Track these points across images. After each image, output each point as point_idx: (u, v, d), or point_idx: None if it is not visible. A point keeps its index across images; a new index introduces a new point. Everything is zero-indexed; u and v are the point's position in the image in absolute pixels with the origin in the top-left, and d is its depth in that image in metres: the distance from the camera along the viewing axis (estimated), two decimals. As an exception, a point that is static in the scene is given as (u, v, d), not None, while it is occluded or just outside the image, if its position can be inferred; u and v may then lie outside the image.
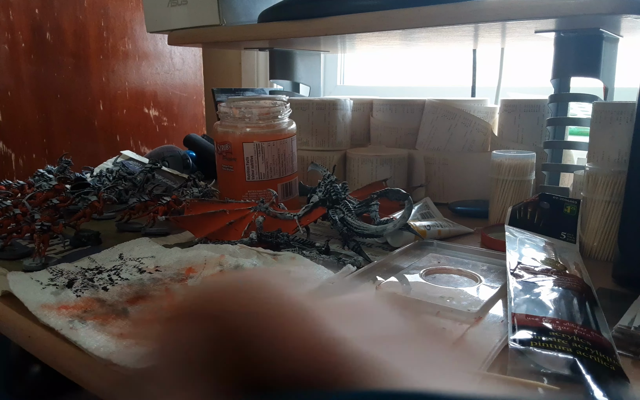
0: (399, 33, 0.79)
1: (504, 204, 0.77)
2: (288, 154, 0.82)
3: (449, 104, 0.95)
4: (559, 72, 0.77)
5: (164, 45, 1.33)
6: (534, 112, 0.85)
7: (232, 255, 0.59)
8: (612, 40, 0.75)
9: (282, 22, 0.83)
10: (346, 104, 1.03)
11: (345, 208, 0.69)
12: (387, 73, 1.37)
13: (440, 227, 0.73)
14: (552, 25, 0.69)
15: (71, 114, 1.21)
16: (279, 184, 0.81)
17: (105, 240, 0.72)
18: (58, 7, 1.16)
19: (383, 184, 0.88)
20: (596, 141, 0.68)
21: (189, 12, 0.94)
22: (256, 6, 0.93)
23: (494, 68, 1.06)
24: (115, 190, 0.86)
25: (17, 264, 0.62)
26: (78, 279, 0.56)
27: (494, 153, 0.78)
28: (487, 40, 0.90)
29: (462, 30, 0.74)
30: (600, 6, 0.56)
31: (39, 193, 0.81)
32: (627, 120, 0.64)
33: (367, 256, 0.64)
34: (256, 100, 0.84)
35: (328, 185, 0.70)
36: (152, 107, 1.37)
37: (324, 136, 1.01)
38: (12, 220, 0.68)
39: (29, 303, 0.49)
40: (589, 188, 0.67)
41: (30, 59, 1.12)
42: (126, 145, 1.31)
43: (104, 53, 1.25)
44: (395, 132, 1.02)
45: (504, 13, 0.62)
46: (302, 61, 1.19)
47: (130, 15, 1.29)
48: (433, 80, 1.27)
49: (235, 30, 0.91)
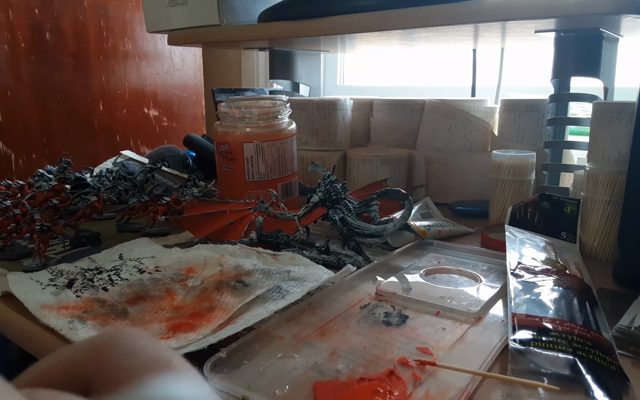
0: (399, 33, 0.79)
1: (504, 204, 0.77)
2: (288, 154, 0.82)
3: (449, 104, 0.95)
4: (559, 72, 0.77)
5: (164, 45, 1.33)
6: (534, 112, 0.85)
7: (232, 255, 0.59)
8: (612, 40, 0.75)
9: (282, 22, 0.83)
10: (346, 104, 1.03)
11: (345, 208, 0.69)
12: (387, 73, 1.37)
13: (440, 227, 0.73)
14: (552, 25, 0.69)
15: (71, 114, 1.21)
16: (279, 184, 0.81)
17: (105, 241, 0.72)
18: (58, 7, 1.16)
19: (383, 184, 0.88)
20: (596, 141, 0.68)
21: (188, 12, 0.94)
22: (256, 6, 0.93)
23: (494, 68, 1.06)
24: (115, 191, 0.86)
25: (17, 264, 0.62)
26: (78, 279, 0.56)
27: (494, 153, 0.78)
28: (487, 40, 0.90)
29: (462, 30, 0.74)
30: (600, 6, 0.56)
31: (38, 193, 0.81)
32: (627, 120, 0.64)
33: (367, 256, 0.64)
34: (256, 100, 0.84)
35: (328, 185, 0.70)
36: (152, 107, 1.36)
37: (324, 136, 1.01)
38: (12, 221, 0.68)
39: (29, 303, 0.49)
40: (589, 188, 0.67)
41: (30, 59, 1.12)
42: (126, 146, 1.31)
43: (103, 53, 1.25)
44: (395, 132, 1.02)
45: (504, 13, 0.62)
46: (302, 61, 1.19)
47: (130, 15, 1.29)
48: (433, 80, 1.27)
49: (235, 30, 0.91)
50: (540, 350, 0.40)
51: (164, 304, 0.51)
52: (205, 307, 0.49)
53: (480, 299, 0.52)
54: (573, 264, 0.58)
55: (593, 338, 0.42)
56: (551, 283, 0.50)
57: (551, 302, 0.47)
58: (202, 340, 0.42)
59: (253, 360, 0.41)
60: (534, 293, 0.48)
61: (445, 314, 0.49)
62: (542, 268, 0.54)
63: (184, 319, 0.48)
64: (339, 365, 0.40)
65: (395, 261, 0.63)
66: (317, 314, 0.49)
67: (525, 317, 0.44)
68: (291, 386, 0.38)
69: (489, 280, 0.56)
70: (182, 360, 0.16)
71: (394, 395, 0.36)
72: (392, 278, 0.57)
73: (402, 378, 0.38)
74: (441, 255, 0.65)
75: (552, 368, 0.39)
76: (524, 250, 0.60)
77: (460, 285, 0.56)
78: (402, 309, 0.50)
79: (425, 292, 0.53)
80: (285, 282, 0.52)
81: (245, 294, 0.50)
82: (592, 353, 0.40)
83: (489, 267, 0.61)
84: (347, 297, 0.53)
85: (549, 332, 0.42)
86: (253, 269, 0.55)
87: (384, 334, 0.45)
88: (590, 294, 0.51)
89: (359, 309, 0.50)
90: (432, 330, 0.46)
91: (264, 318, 0.46)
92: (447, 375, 0.39)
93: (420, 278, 0.57)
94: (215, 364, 0.40)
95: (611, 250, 0.65)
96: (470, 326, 0.47)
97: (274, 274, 0.54)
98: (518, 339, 0.41)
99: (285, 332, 0.46)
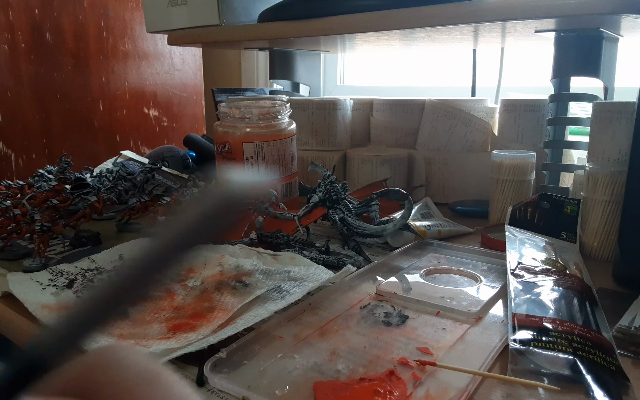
0: (399, 33, 0.79)
1: (504, 204, 0.77)
2: (288, 154, 0.82)
3: (449, 104, 0.95)
4: (559, 71, 0.77)
5: (164, 45, 1.33)
6: (534, 112, 0.85)
7: (232, 255, 0.59)
8: (612, 40, 0.75)
9: (282, 22, 0.83)
10: (346, 104, 1.03)
11: (345, 208, 0.69)
12: (387, 73, 1.37)
13: (440, 227, 0.73)
14: (552, 25, 0.69)
15: (71, 114, 1.21)
16: (279, 184, 0.81)
17: (105, 241, 0.72)
18: (58, 7, 1.16)
19: (383, 184, 0.88)
20: (596, 141, 0.68)
21: (188, 12, 0.94)
22: (256, 6, 0.93)
23: (494, 68, 1.05)
24: (115, 191, 0.86)
25: (17, 265, 0.62)
26: (78, 279, 0.56)
27: (494, 153, 0.78)
28: (487, 40, 0.90)
29: (462, 30, 0.74)
30: (600, 6, 0.56)
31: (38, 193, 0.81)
32: (627, 120, 0.64)
33: (367, 256, 0.64)
34: (256, 100, 0.84)
35: (328, 185, 0.70)
36: (152, 107, 1.36)
37: (324, 136, 1.01)
38: (12, 221, 0.68)
39: (29, 304, 0.49)
40: (589, 188, 0.67)
41: (30, 59, 1.12)
42: (126, 146, 1.31)
43: (103, 53, 1.25)
44: (395, 132, 1.02)
45: (504, 13, 0.62)
46: (302, 61, 1.19)
47: (130, 15, 1.29)
48: (433, 80, 1.27)
49: (235, 30, 0.91)
50: (540, 350, 0.40)
51: (164, 304, 0.51)
52: (205, 307, 0.49)
53: (480, 299, 0.52)
54: (573, 264, 0.58)
55: (593, 338, 0.42)
56: (551, 283, 0.50)
57: (551, 302, 0.47)
58: (202, 340, 0.42)
59: (253, 360, 0.41)
60: (534, 293, 0.48)
61: (445, 314, 0.49)
62: (542, 268, 0.54)
63: (184, 319, 0.48)
64: (339, 366, 0.40)
65: (395, 261, 0.63)
66: (317, 314, 0.49)
67: (526, 317, 0.44)
68: (291, 386, 0.38)
69: (489, 280, 0.56)
70: (171, 373, 0.17)
71: (394, 396, 0.36)
72: (392, 278, 0.57)
73: (402, 378, 0.38)
74: (441, 255, 0.65)
75: (552, 368, 0.39)
76: (524, 250, 0.60)
77: (460, 285, 0.56)
78: (402, 309, 0.50)
79: (425, 292, 0.53)
80: (285, 282, 0.52)
81: (245, 294, 0.50)
82: (592, 353, 0.40)
83: (489, 267, 0.61)
84: (347, 297, 0.53)
85: (549, 332, 0.42)
86: (253, 269, 0.55)
87: (384, 334, 0.45)
88: (590, 294, 0.51)
89: (359, 309, 0.50)
90: (432, 330, 0.46)
91: (264, 318, 0.46)
92: (447, 376, 0.39)
93: (420, 278, 0.57)
94: (215, 364, 0.40)
95: (611, 250, 0.65)
96: (470, 326, 0.47)
97: (274, 274, 0.54)
98: (518, 339, 0.41)
99: (285, 332, 0.46)
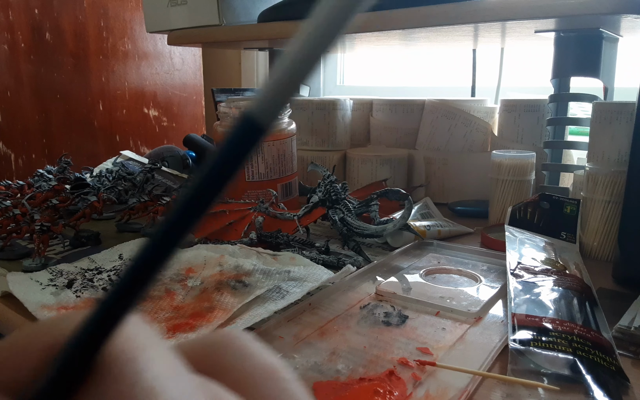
0: (398, 33, 0.79)
1: (504, 204, 0.77)
2: (288, 154, 0.82)
3: (449, 104, 0.95)
4: (559, 72, 0.77)
5: (164, 45, 1.33)
6: (533, 112, 0.85)
7: (232, 255, 0.59)
8: (612, 40, 0.75)
9: (282, 22, 0.83)
10: (346, 104, 1.03)
11: (345, 208, 0.69)
12: (387, 73, 1.37)
13: (440, 227, 0.73)
14: (552, 25, 0.69)
15: (71, 114, 1.21)
16: (279, 184, 0.81)
17: (105, 241, 0.72)
18: (58, 7, 1.16)
19: (383, 184, 0.88)
20: (596, 141, 0.68)
21: (188, 12, 0.94)
22: (256, 6, 0.93)
23: (494, 68, 1.05)
24: (115, 191, 0.86)
25: (16, 265, 0.62)
26: (78, 279, 0.56)
27: (494, 153, 0.78)
28: (487, 40, 0.90)
29: (462, 30, 0.74)
30: (600, 6, 0.56)
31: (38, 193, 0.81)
32: (627, 120, 0.64)
33: (367, 256, 0.64)
34: (256, 100, 0.84)
35: (328, 185, 0.70)
36: (151, 107, 1.36)
37: (323, 136, 1.01)
38: (12, 221, 0.68)
39: (28, 303, 0.49)
40: (589, 188, 0.67)
41: (30, 59, 1.12)
42: (126, 146, 1.31)
43: (103, 53, 1.25)
44: (395, 132, 1.02)
45: (503, 13, 0.62)
46: (301, 61, 1.19)
47: (130, 15, 1.29)
48: (433, 80, 1.27)
49: (234, 30, 0.91)
50: (540, 350, 0.40)
51: (164, 304, 0.51)
52: (204, 308, 0.49)
53: (480, 299, 0.52)
54: (573, 264, 0.58)
55: (593, 338, 0.42)
56: (551, 283, 0.50)
57: (551, 302, 0.47)
58: (202, 340, 0.42)
59: (253, 360, 0.41)
60: (533, 293, 0.48)
61: (445, 314, 0.49)
62: (542, 268, 0.54)
63: (183, 319, 0.48)
64: (338, 366, 0.40)
65: (395, 261, 0.63)
66: (317, 314, 0.49)
67: (525, 317, 0.44)
68: (291, 386, 0.38)
69: (488, 280, 0.56)
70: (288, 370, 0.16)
71: (394, 396, 0.36)
72: (392, 278, 0.57)
73: (402, 378, 0.38)
74: (441, 255, 0.65)
75: (552, 368, 0.39)
76: (523, 250, 0.60)
77: (460, 285, 0.56)
78: (402, 309, 0.50)
79: (425, 292, 0.53)
80: (285, 282, 0.52)
81: (245, 294, 0.50)
82: (592, 353, 0.40)
83: (489, 267, 0.61)
84: (347, 297, 0.53)
85: (549, 332, 0.42)
86: (253, 269, 0.55)
87: (384, 334, 0.45)
88: (590, 294, 0.51)
89: (359, 309, 0.50)
90: (432, 330, 0.46)
91: (263, 318, 0.46)
92: (447, 376, 0.39)
93: (420, 278, 0.57)
94: (215, 364, 0.40)
95: (611, 250, 0.65)
96: (470, 326, 0.47)
97: (274, 274, 0.54)
98: (518, 339, 0.41)
99: (285, 332, 0.46)
